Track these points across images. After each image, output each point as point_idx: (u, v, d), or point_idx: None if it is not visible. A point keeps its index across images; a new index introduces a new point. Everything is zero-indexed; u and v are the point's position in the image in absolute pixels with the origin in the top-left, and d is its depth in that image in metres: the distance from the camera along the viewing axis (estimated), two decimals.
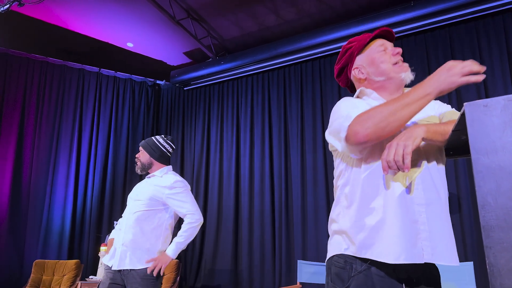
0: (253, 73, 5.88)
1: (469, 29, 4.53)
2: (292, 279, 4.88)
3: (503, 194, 0.76)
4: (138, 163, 2.79)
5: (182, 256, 5.78)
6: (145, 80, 6.44)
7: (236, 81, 6.09)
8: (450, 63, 1.16)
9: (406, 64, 1.40)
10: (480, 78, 1.12)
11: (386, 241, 1.21)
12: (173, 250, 2.58)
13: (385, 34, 1.46)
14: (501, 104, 0.81)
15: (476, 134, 0.81)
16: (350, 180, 1.35)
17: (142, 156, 2.79)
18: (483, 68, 1.12)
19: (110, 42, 5.83)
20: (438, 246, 1.22)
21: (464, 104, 0.84)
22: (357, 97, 1.47)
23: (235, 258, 5.41)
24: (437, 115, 1.39)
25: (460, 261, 3.96)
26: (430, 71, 4.64)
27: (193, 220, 2.64)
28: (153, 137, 2.85)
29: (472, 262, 3.22)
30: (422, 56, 4.74)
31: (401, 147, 1.15)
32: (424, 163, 1.29)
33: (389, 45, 1.45)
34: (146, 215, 2.61)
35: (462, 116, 0.89)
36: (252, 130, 5.74)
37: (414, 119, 1.29)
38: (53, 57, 5.79)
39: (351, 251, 1.27)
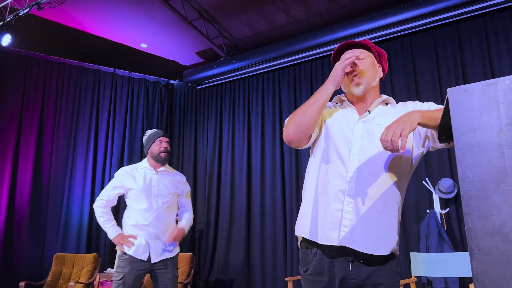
0: (263, 71, 5.98)
1: (477, 25, 4.56)
2: None
3: (480, 168, 0.86)
4: (168, 154, 2.92)
5: (196, 251, 5.92)
6: (159, 80, 6.59)
7: (247, 79, 6.20)
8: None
9: (359, 79, 1.49)
10: (352, 58, 1.41)
11: (313, 224, 1.42)
12: (186, 225, 2.92)
13: (350, 44, 1.57)
14: (479, 88, 0.91)
15: (457, 116, 0.91)
16: (307, 174, 1.58)
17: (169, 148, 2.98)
18: (353, 56, 1.42)
19: (124, 43, 5.99)
20: (357, 234, 1.35)
21: (448, 89, 0.94)
22: (336, 102, 1.62)
23: (247, 252, 5.52)
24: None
25: (462, 250, 4.01)
26: (438, 68, 4.69)
27: (192, 215, 3.05)
28: None
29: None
30: (430, 53, 4.77)
31: (399, 129, 1.22)
32: (374, 161, 1.41)
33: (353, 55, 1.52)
34: (171, 209, 2.87)
35: (447, 101, 0.99)
36: (263, 127, 5.85)
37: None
38: (70, 59, 5.97)
39: (298, 232, 1.49)
